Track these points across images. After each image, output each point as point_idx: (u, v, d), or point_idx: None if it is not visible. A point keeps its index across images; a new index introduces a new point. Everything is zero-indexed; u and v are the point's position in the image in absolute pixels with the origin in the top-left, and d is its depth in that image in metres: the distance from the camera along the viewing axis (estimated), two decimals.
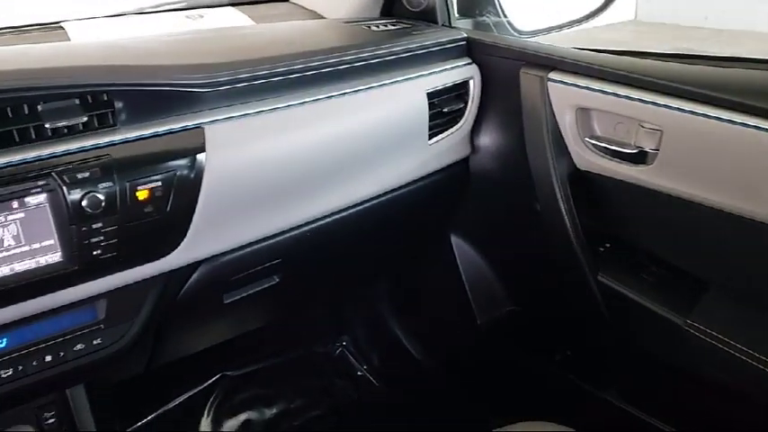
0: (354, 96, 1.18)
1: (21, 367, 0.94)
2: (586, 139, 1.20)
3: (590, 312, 1.31)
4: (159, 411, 1.69)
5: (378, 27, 1.39)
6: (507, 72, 1.29)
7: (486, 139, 1.40)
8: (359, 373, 1.95)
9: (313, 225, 1.19)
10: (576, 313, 1.39)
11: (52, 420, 1.09)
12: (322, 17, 1.56)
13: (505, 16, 1.53)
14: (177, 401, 1.74)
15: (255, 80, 1.07)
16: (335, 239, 1.27)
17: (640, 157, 1.12)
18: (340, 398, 1.87)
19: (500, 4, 1.52)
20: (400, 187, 1.31)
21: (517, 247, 1.48)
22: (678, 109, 1.03)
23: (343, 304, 1.99)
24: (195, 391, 1.77)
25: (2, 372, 0.93)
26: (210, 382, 1.79)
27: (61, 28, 1.34)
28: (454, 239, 1.59)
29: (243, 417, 1.76)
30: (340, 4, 1.55)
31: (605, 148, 1.17)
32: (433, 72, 1.30)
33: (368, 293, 1.91)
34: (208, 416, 1.74)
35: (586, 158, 1.20)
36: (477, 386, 1.68)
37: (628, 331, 1.29)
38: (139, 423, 1.66)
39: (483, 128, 1.40)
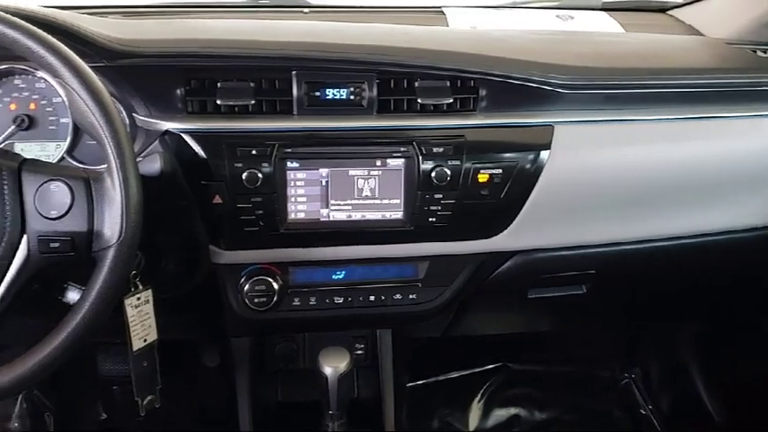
0: (717, 122, 1.10)
1: (350, 299, 1.10)
2: None
3: None
4: (440, 377, 1.81)
5: (765, 53, 1.25)
6: None
7: None
8: (641, 411, 1.83)
9: (637, 245, 1.15)
10: None
11: (360, 352, 1.26)
12: (700, 34, 1.46)
13: None
14: (457, 374, 1.84)
15: (616, 89, 1.06)
16: (656, 266, 1.21)
17: None
18: (615, 428, 1.78)
19: None
20: (745, 230, 1.19)
21: None
22: None
23: (644, 336, 1.87)
24: (475, 370, 1.84)
25: (335, 298, 1.10)
26: (491, 367, 1.85)
27: (442, 13, 1.47)
28: None
29: (513, 410, 1.79)
30: (724, 23, 1.42)
31: None
32: None
33: (674, 332, 1.77)
34: (481, 398, 1.81)
35: None
36: None
37: None
38: (420, 381, 1.79)
39: None
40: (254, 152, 0.97)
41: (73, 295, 0.88)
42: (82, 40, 0.92)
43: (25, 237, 0.77)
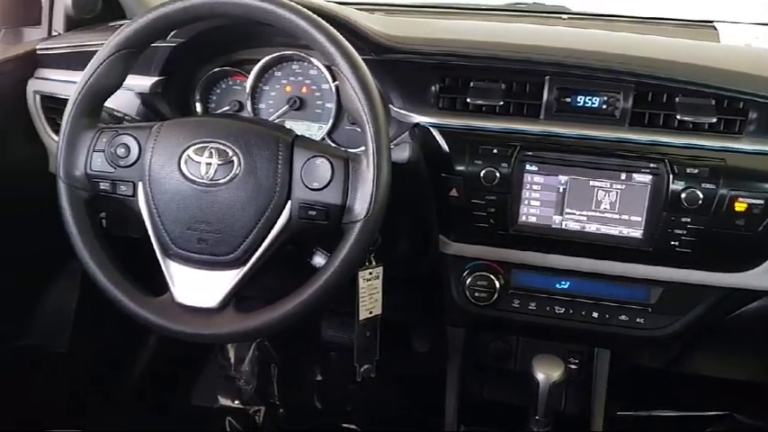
0: None
1: (571, 311, 1.08)
2: None
3: None
4: (654, 413, 1.68)
5: None
6: None
7: None
8: None
9: None
10: None
11: (574, 366, 1.22)
12: None
13: None
14: (673, 414, 1.69)
15: None
16: None
17: None
18: None
19: None
20: None
21: None
22: None
23: None
24: (695, 414, 1.68)
25: (556, 307, 1.08)
26: (715, 413, 1.68)
27: (713, 28, 1.36)
28: None
29: None
30: None
31: None
32: None
33: None
34: None
35: None
36: None
37: None
38: (632, 412, 1.68)
39: None
40: (495, 151, 1.00)
41: (319, 260, 0.97)
42: (357, 35, 1.02)
43: (289, 202, 0.86)
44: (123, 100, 1.10)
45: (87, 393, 1.52)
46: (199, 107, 1.20)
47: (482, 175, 0.99)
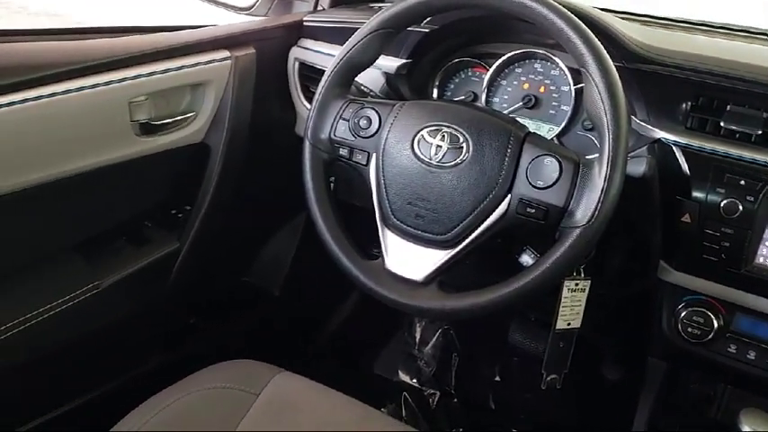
0: None
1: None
2: None
3: None
4: None
5: None
6: None
7: None
8: None
9: None
10: None
11: None
12: None
13: None
14: None
15: None
16: None
17: None
18: None
19: None
20: None
21: None
22: None
23: None
24: None
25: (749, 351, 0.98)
26: None
27: None
28: None
29: None
30: None
31: None
32: None
33: None
34: None
35: None
36: None
37: None
38: None
39: None
40: (742, 182, 0.91)
41: (527, 258, 0.97)
42: (612, 40, 0.99)
43: (509, 196, 0.87)
44: (370, 77, 1.17)
45: (288, 337, 1.66)
46: (435, 93, 1.24)
47: (722, 205, 0.92)
